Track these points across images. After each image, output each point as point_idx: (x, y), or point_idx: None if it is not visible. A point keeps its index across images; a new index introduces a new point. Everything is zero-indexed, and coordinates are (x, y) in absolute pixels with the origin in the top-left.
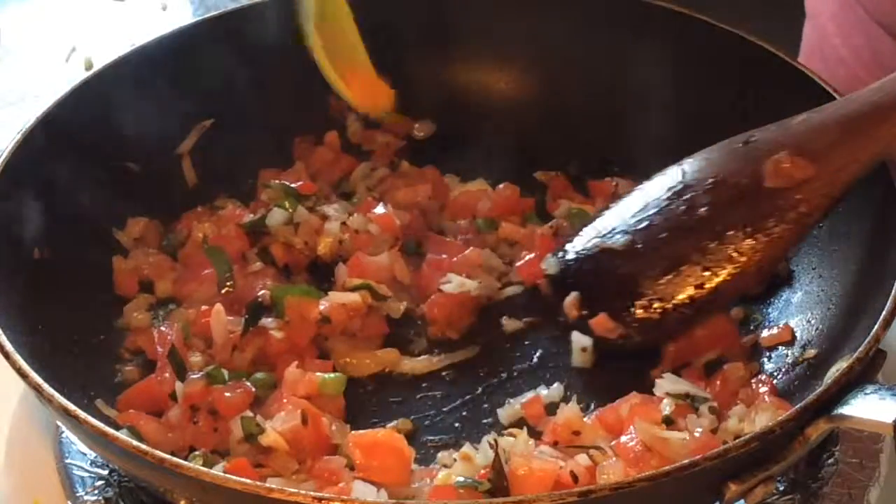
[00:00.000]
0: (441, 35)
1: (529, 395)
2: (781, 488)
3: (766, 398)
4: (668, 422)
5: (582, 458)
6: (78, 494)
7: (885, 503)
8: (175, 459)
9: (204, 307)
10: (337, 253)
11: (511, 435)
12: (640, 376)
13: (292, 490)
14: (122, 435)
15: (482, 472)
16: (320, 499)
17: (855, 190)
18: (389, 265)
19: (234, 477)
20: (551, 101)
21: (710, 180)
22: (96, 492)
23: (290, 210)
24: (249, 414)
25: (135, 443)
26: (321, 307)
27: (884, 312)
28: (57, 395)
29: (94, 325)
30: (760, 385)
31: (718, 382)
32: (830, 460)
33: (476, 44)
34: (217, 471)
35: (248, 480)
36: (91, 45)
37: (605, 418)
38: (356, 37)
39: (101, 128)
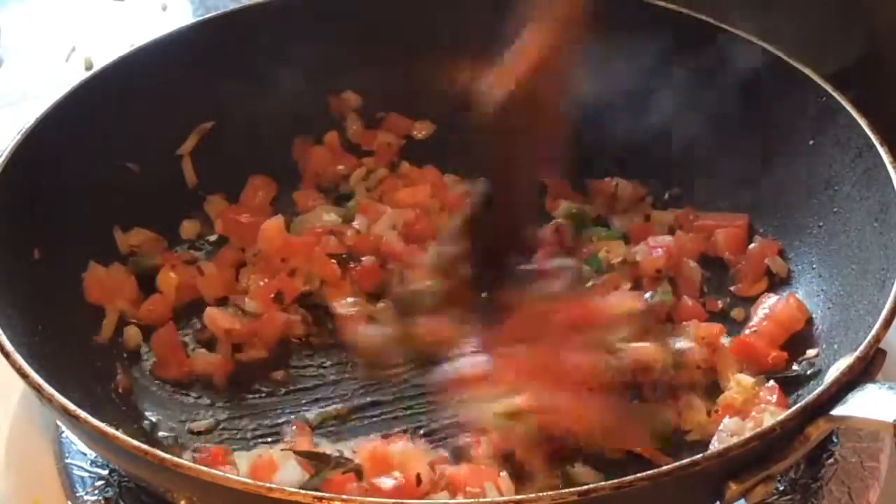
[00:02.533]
0: (441, 35)
1: None
2: (781, 488)
3: (766, 398)
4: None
5: None
6: (78, 494)
7: (885, 503)
8: (175, 459)
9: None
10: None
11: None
12: None
13: (292, 490)
14: (123, 435)
15: None
16: (320, 498)
17: (854, 189)
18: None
19: (234, 476)
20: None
21: None
22: (96, 492)
23: None
24: None
25: (135, 443)
26: None
27: (884, 312)
28: (57, 395)
29: (94, 325)
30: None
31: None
32: (830, 460)
33: (476, 44)
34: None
35: (249, 480)
36: (91, 45)
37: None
38: None
39: (101, 128)
